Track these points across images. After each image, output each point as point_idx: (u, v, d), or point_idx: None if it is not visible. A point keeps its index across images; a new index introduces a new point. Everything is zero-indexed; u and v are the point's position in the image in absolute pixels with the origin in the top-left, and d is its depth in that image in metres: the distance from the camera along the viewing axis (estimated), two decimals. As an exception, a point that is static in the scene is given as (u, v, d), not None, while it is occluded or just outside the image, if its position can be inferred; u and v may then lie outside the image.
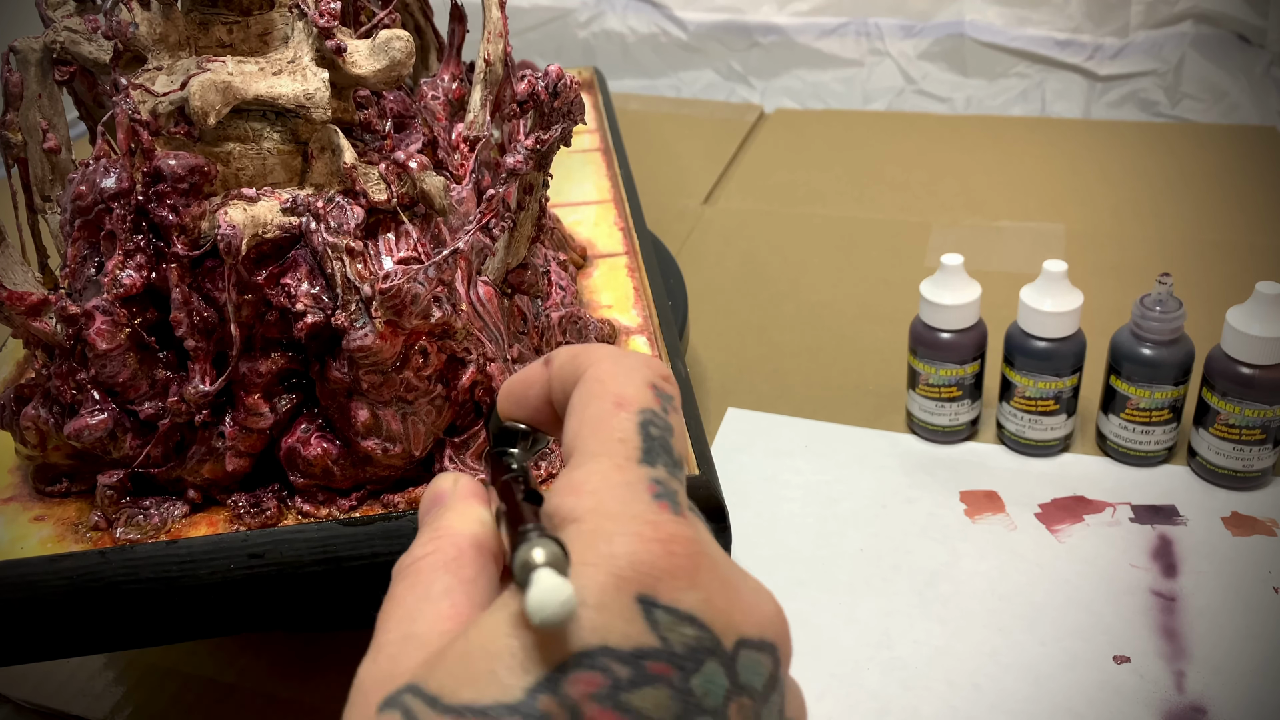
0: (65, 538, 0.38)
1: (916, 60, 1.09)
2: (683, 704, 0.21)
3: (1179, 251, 0.74)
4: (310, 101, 0.39)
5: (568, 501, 0.24)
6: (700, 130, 1.01)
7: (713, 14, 1.15)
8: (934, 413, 0.57)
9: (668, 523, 0.23)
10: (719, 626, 0.22)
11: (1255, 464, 0.53)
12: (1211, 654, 0.45)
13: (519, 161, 0.40)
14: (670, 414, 0.26)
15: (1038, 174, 0.88)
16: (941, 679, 0.44)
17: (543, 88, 0.39)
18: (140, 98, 0.38)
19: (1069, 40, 1.04)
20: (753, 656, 0.23)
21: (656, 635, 0.22)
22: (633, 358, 0.27)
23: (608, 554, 0.22)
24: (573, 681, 0.21)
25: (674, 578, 0.22)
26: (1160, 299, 0.52)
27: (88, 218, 0.38)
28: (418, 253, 0.39)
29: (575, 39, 1.19)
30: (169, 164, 0.37)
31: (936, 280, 0.55)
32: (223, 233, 0.37)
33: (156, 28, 0.39)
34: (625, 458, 0.24)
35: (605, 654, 0.21)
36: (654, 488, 0.24)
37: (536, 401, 0.29)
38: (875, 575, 0.50)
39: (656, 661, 0.21)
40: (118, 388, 0.39)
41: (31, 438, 0.39)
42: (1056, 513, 0.53)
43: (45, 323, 0.38)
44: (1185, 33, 1.00)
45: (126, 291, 0.37)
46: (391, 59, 0.40)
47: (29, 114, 0.41)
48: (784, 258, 0.78)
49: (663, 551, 0.22)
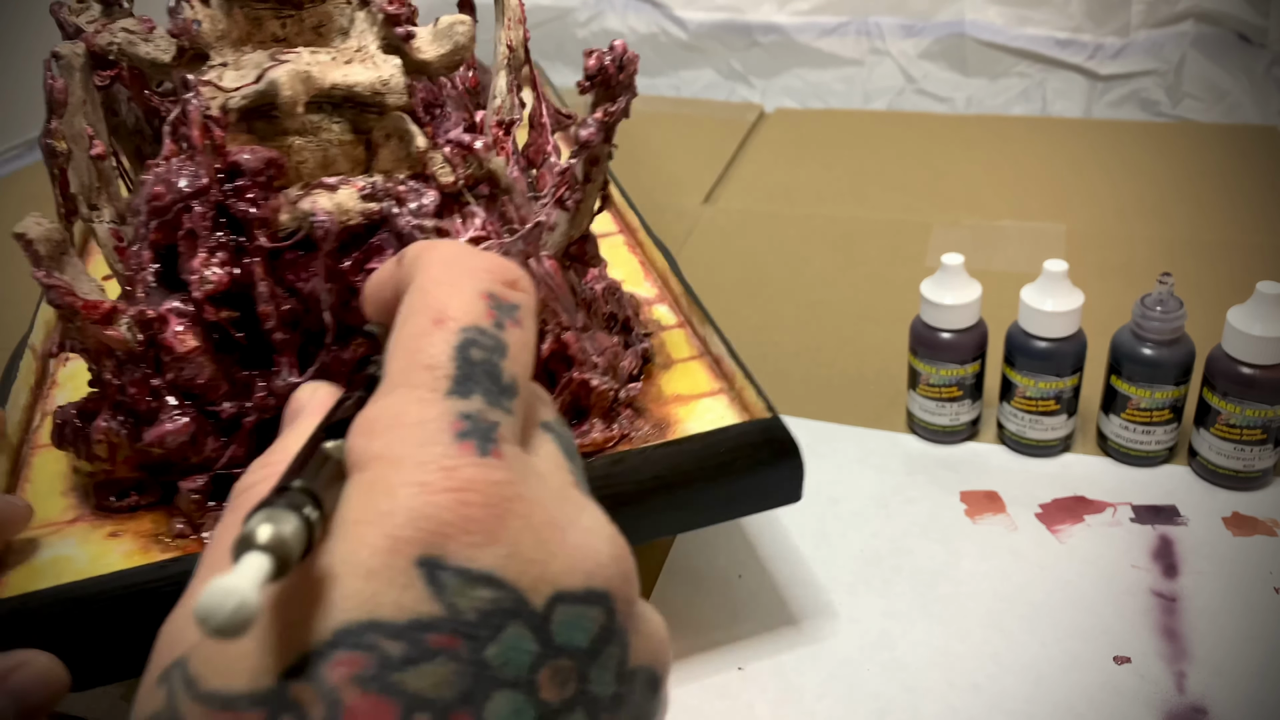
0: (150, 549, 0.38)
1: (917, 60, 1.09)
2: (472, 678, 0.19)
3: (1180, 251, 0.74)
4: (386, 88, 0.39)
5: (358, 443, 0.21)
6: (700, 129, 1.01)
7: (713, 13, 1.15)
8: (934, 413, 0.57)
9: (466, 467, 0.20)
10: (526, 583, 0.19)
11: (1256, 464, 0.53)
12: (1212, 655, 0.45)
13: (591, 134, 0.40)
14: (508, 329, 0.23)
15: (1038, 174, 0.88)
16: (942, 679, 0.44)
17: (610, 62, 0.39)
18: (210, 94, 0.37)
19: (1070, 40, 1.04)
20: (574, 611, 0.20)
21: (441, 603, 0.19)
22: (470, 259, 0.24)
23: (386, 511, 0.19)
24: (332, 664, 0.18)
25: (467, 534, 0.19)
26: (1161, 299, 0.52)
27: (165, 218, 0.37)
28: (486, 231, 0.39)
29: (575, 38, 1.19)
30: (246, 158, 0.37)
31: (937, 280, 0.55)
32: (319, 220, 0.37)
33: (218, 24, 0.39)
34: (430, 389, 0.21)
35: (373, 629, 0.18)
36: (459, 424, 0.20)
37: (392, 304, 0.25)
38: (875, 575, 0.50)
39: (439, 633, 0.19)
40: (197, 390, 0.38)
41: (102, 451, 0.38)
42: (1057, 513, 0.53)
43: (117, 330, 0.37)
44: (1186, 32, 1.00)
45: (215, 289, 0.37)
46: (455, 43, 0.41)
47: (74, 121, 0.40)
48: (784, 257, 0.78)
49: (454, 503, 0.19)
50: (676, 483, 0.40)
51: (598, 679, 0.20)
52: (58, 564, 0.37)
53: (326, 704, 0.18)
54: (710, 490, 0.41)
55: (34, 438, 0.43)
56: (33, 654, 0.31)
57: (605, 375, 0.43)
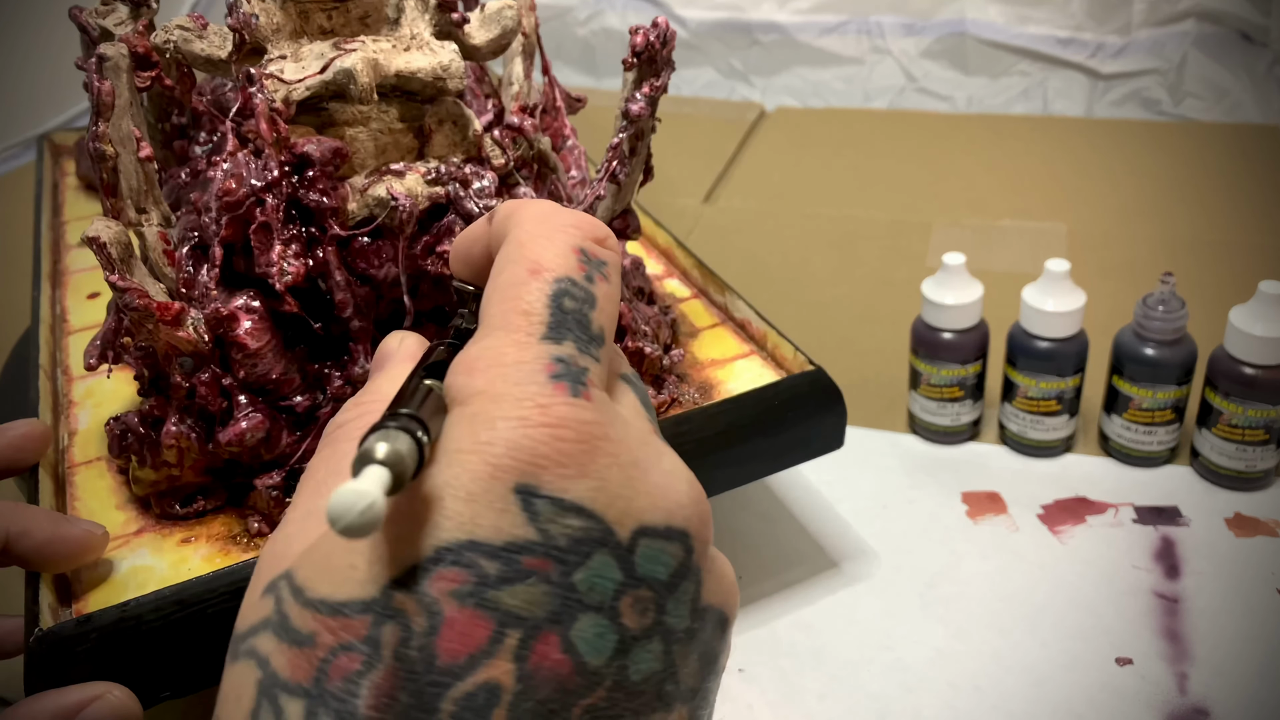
0: (229, 551, 0.38)
1: (918, 58, 1.09)
2: (561, 600, 0.20)
3: (1182, 251, 0.74)
4: (447, 73, 0.39)
5: (459, 380, 0.22)
6: (700, 129, 1.00)
7: (713, 12, 1.14)
8: (936, 413, 0.57)
9: (560, 405, 0.21)
10: (613, 516, 0.21)
11: (1258, 464, 0.52)
12: (1214, 656, 0.44)
13: (641, 108, 0.40)
14: (597, 282, 0.24)
15: (1040, 173, 0.87)
16: (942, 680, 0.44)
17: (655, 38, 0.39)
18: (273, 87, 0.37)
19: (1071, 38, 1.04)
20: (656, 546, 0.21)
21: (535, 528, 0.20)
22: (563, 216, 0.25)
23: (486, 441, 0.20)
24: (434, 578, 0.20)
25: (561, 465, 0.20)
26: (1163, 298, 0.52)
27: (237, 212, 0.37)
28: None
29: (575, 37, 1.19)
30: (312, 149, 0.37)
31: (938, 280, 0.55)
32: (401, 203, 0.37)
33: (273, 18, 0.39)
34: (527, 333, 0.22)
35: (471, 548, 0.20)
36: (553, 367, 0.22)
37: (481, 260, 0.27)
38: (876, 576, 0.50)
39: (532, 556, 0.20)
40: (270, 385, 0.38)
41: (171, 456, 0.38)
42: (1059, 514, 0.53)
43: (187, 331, 0.37)
44: (1188, 31, 1.00)
45: (294, 280, 0.37)
46: (504, 28, 0.41)
47: (121, 123, 0.39)
48: (784, 257, 0.78)
49: (549, 437, 0.21)
50: (736, 439, 0.43)
51: (674, 611, 0.22)
52: (138, 574, 0.36)
53: (427, 614, 0.19)
54: (767, 443, 0.43)
55: (67, 457, 0.43)
56: (109, 686, 0.32)
57: (654, 344, 0.45)
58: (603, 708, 0.20)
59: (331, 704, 0.19)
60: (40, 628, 0.33)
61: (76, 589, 0.36)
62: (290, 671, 0.20)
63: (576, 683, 0.20)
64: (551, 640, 0.20)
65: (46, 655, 0.32)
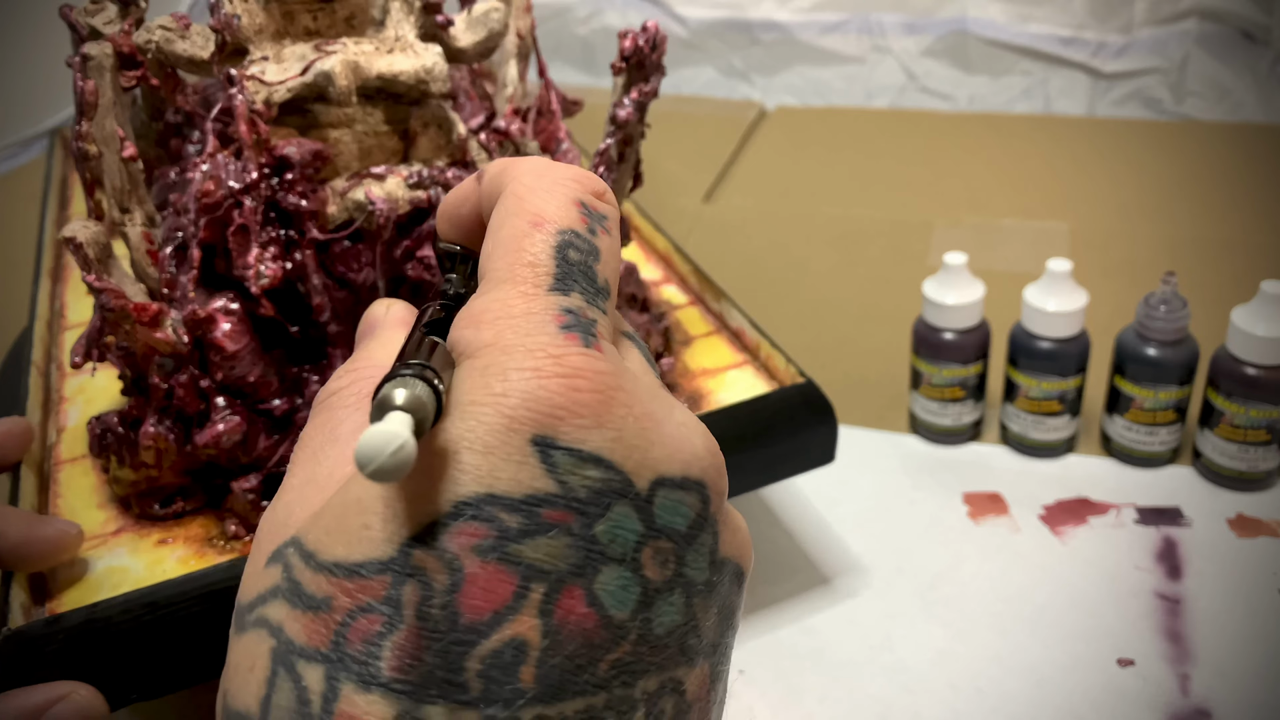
0: (205, 554, 0.37)
1: (919, 57, 1.09)
2: (584, 552, 0.20)
3: (1184, 250, 0.74)
4: (430, 76, 0.39)
5: (466, 334, 0.22)
6: (700, 128, 1.00)
7: (713, 11, 1.14)
8: (937, 413, 0.57)
9: (573, 355, 0.21)
10: (631, 466, 0.20)
11: (1260, 465, 0.52)
12: (1216, 657, 0.44)
13: (629, 114, 0.40)
14: (599, 235, 0.24)
15: (1041, 172, 0.87)
16: (944, 682, 0.44)
17: (644, 43, 0.39)
18: (254, 88, 0.37)
19: (1072, 37, 1.03)
20: (674, 496, 0.21)
21: (554, 479, 0.20)
22: (561, 170, 0.25)
23: (500, 393, 0.20)
24: (454, 534, 0.19)
25: (577, 416, 0.20)
26: (1165, 298, 0.51)
27: (215, 214, 0.37)
28: None
29: (574, 36, 1.19)
30: (292, 151, 0.37)
31: (939, 279, 0.55)
32: (378, 208, 0.37)
33: (256, 19, 0.39)
34: (534, 285, 0.22)
35: (491, 502, 0.19)
36: (562, 318, 0.21)
37: (470, 220, 0.26)
38: (877, 577, 0.50)
39: (553, 508, 0.19)
40: (248, 388, 0.38)
41: (149, 456, 0.38)
42: (1060, 514, 0.53)
43: (165, 333, 0.37)
44: (1189, 30, 0.99)
45: (271, 283, 0.37)
46: (490, 30, 0.41)
47: (105, 123, 0.39)
48: (785, 256, 0.78)
49: (564, 387, 0.20)
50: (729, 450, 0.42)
51: (693, 563, 0.21)
52: (113, 575, 0.36)
53: (449, 571, 0.19)
54: (756, 456, 0.43)
55: (54, 454, 0.43)
56: (75, 686, 0.31)
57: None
58: (628, 662, 0.20)
59: (353, 668, 0.19)
60: (9, 627, 0.33)
61: (52, 588, 0.36)
62: (307, 637, 0.19)
63: (603, 636, 0.20)
64: (576, 593, 0.19)
65: (14, 655, 0.32)
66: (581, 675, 0.19)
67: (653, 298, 0.51)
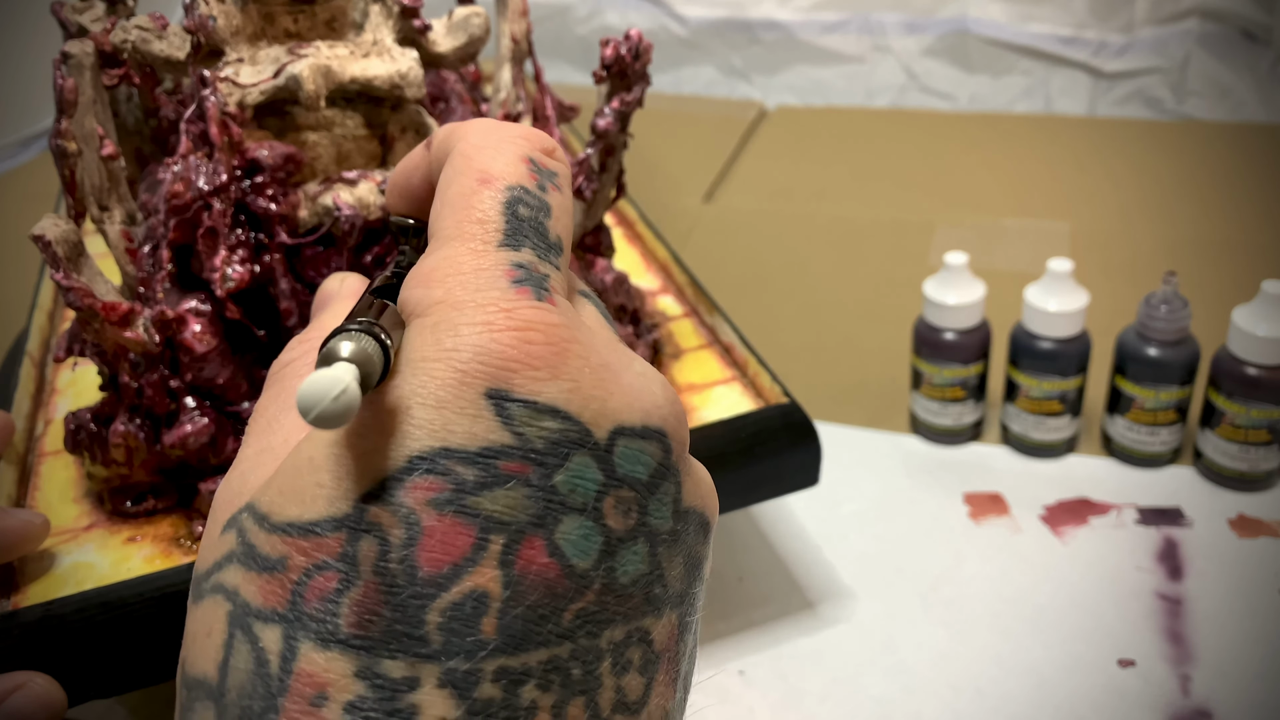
0: (171, 553, 0.37)
1: (920, 57, 1.08)
2: (543, 503, 0.19)
3: (1185, 250, 0.74)
4: (404, 81, 0.39)
5: (416, 293, 0.22)
6: (700, 127, 1.00)
7: (713, 10, 1.14)
8: (938, 414, 0.57)
9: (525, 309, 0.20)
10: (589, 417, 0.20)
11: (1262, 465, 0.52)
12: (1217, 657, 0.44)
13: (609, 124, 0.40)
14: (550, 191, 0.24)
15: (1042, 172, 0.87)
16: (944, 683, 0.44)
17: (626, 52, 0.39)
18: (227, 90, 0.37)
19: (1073, 37, 1.03)
20: (634, 445, 0.21)
21: (510, 431, 0.19)
22: (509, 129, 0.24)
23: (451, 348, 0.20)
24: (409, 488, 0.19)
25: (531, 368, 0.20)
26: (1166, 298, 0.51)
27: (185, 216, 0.37)
28: None
29: (574, 35, 1.19)
30: (264, 154, 0.37)
31: (940, 279, 0.54)
32: (346, 214, 0.37)
33: (233, 20, 0.39)
34: (483, 241, 0.22)
35: (446, 455, 0.19)
36: (514, 272, 0.21)
37: (421, 190, 0.26)
38: (877, 578, 0.50)
39: (510, 460, 0.19)
40: (216, 390, 0.38)
41: (120, 455, 0.38)
42: (1061, 515, 0.53)
43: (136, 332, 0.37)
44: (1191, 30, 0.99)
45: (237, 286, 0.37)
46: (471, 35, 0.41)
47: (84, 121, 0.39)
48: (785, 256, 0.78)
49: (517, 340, 0.20)
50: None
51: (656, 512, 0.21)
52: (78, 571, 0.36)
53: (405, 525, 0.19)
54: (734, 476, 0.41)
55: (39, 445, 0.43)
56: (30, 675, 0.31)
57: None
58: (593, 611, 0.20)
59: (310, 626, 0.19)
60: None
61: (19, 580, 0.36)
62: (263, 599, 0.19)
63: (566, 586, 0.20)
64: (536, 544, 0.19)
65: None
66: (545, 625, 0.19)
67: (646, 308, 0.50)
